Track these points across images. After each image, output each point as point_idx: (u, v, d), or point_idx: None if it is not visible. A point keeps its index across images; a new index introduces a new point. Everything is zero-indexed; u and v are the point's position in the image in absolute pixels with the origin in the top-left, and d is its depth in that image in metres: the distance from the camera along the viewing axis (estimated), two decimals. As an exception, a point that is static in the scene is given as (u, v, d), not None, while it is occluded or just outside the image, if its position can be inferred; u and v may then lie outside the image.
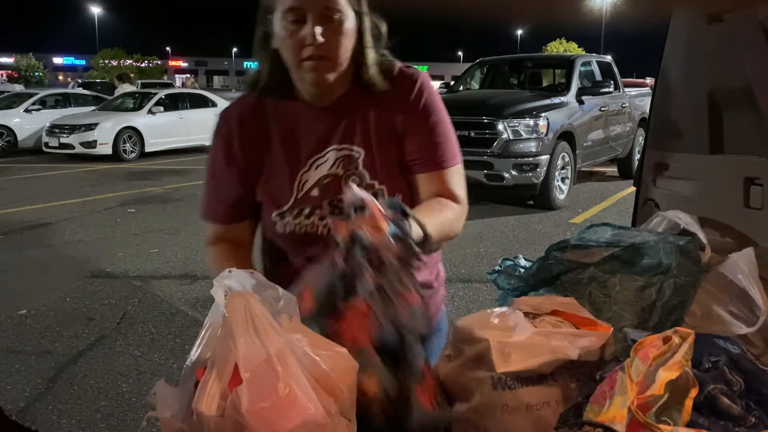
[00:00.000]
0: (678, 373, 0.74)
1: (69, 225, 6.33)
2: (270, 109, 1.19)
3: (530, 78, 8.99)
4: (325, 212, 1.17)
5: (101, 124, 11.41)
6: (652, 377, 0.74)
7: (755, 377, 0.94)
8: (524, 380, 0.87)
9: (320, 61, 1.07)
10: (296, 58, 1.08)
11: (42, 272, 4.83)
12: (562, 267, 1.24)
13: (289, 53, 1.09)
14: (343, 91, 1.16)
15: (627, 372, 0.75)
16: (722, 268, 1.18)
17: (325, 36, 1.06)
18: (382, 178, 1.17)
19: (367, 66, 1.14)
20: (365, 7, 1.14)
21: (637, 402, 0.72)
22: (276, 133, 1.18)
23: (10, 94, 14.64)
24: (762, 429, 0.83)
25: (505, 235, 5.86)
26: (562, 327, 0.94)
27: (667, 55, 1.81)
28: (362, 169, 1.16)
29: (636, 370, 0.75)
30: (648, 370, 0.75)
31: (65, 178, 9.60)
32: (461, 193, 1.19)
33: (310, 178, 1.17)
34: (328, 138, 1.17)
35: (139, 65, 58.17)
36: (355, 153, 1.16)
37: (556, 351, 0.87)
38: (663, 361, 0.75)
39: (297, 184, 1.17)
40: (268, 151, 1.19)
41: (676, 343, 0.77)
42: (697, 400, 0.88)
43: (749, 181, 1.60)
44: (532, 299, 1.03)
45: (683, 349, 0.76)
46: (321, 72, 1.08)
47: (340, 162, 1.17)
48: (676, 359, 0.75)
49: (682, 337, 0.78)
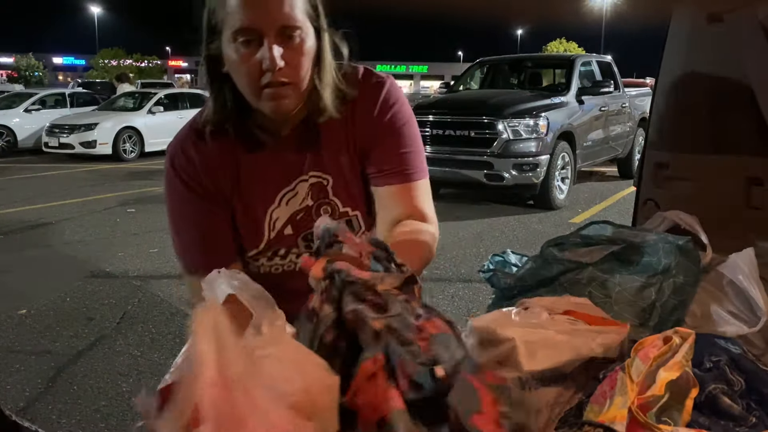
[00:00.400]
0: (678, 373, 0.74)
1: (69, 225, 6.33)
2: (228, 143, 1.04)
3: (530, 78, 8.99)
4: (301, 250, 1.07)
5: (101, 124, 11.41)
6: (652, 377, 0.74)
7: (756, 377, 0.94)
8: (546, 380, 0.85)
9: (281, 87, 0.94)
10: (253, 86, 0.94)
11: (42, 272, 4.83)
12: (561, 267, 1.24)
13: (244, 81, 0.95)
14: (304, 114, 1.03)
15: (627, 372, 0.75)
16: (723, 269, 1.18)
17: (285, 59, 0.92)
18: (355, 205, 1.08)
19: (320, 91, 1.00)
20: (324, 23, 1.00)
21: (638, 402, 0.71)
22: (239, 169, 1.05)
23: (9, 94, 14.64)
24: (763, 429, 0.83)
25: (505, 235, 5.86)
26: (578, 325, 0.93)
27: (667, 55, 1.81)
28: (333, 197, 1.06)
29: (636, 370, 0.75)
30: (648, 370, 0.74)
31: (65, 178, 9.60)
32: (430, 211, 1.07)
33: (281, 215, 1.06)
34: (294, 169, 1.05)
35: (139, 65, 58.14)
36: (323, 180, 1.06)
37: (580, 348, 0.85)
38: (663, 361, 0.75)
39: (268, 224, 1.06)
40: (233, 189, 1.05)
41: (676, 344, 0.77)
42: (698, 400, 0.88)
43: (750, 181, 1.60)
44: (545, 299, 1.03)
45: (684, 349, 0.76)
46: (283, 100, 0.95)
47: (309, 192, 1.06)
48: (676, 359, 0.75)
49: (682, 338, 0.78)
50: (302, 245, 1.07)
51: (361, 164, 1.07)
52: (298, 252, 1.07)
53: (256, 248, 1.06)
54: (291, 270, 1.08)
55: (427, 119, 7.00)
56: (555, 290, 1.21)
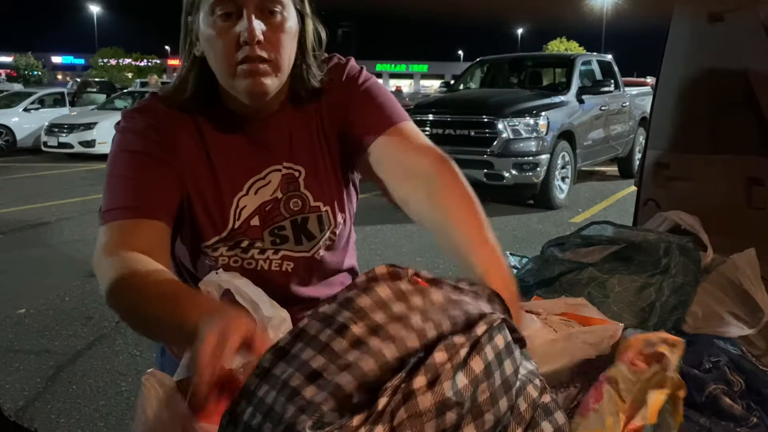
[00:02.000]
0: (669, 390, 0.71)
1: (68, 224, 6.33)
2: (196, 122, 0.99)
3: (530, 77, 8.98)
4: (266, 245, 1.01)
5: (100, 123, 11.39)
6: (642, 397, 0.70)
7: (755, 377, 0.94)
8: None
9: (260, 64, 0.89)
10: (228, 61, 0.89)
11: (41, 271, 4.83)
12: (562, 267, 1.23)
13: (219, 56, 0.90)
14: (282, 99, 0.99)
15: (615, 389, 0.71)
16: (724, 269, 1.18)
17: (265, 35, 0.88)
18: (327, 200, 1.03)
19: (306, 81, 0.98)
20: (308, 9, 0.97)
21: (630, 429, 0.69)
22: (206, 150, 0.99)
23: (8, 93, 14.63)
24: (763, 429, 0.83)
25: (505, 235, 5.86)
26: (572, 327, 0.92)
27: (668, 55, 1.81)
28: (304, 189, 1.02)
29: (624, 383, 0.71)
30: (637, 389, 0.71)
31: (64, 177, 9.59)
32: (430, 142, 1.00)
33: (248, 204, 1.00)
34: (267, 157, 1.00)
35: (138, 64, 58.13)
36: (295, 172, 1.01)
37: (574, 352, 0.84)
38: (655, 383, 0.71)
39: (234, 211, 0.99)
40: (197, 170, 0.98)
41: (667, 359, 0.72)
42: (698, 400, 0.88)
43: (751, 181, 1.60)
44: (540, 303, 1.02)
45: (672, 364, 0.72)
46: (260, 77, 0.90)
47: (280, 183, 1.01)
48: (668, 375, 0.71)
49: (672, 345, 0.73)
50: (268, 240, 1.01)
51: (335, 157, 1.04)
52: (262, 247, 1.01)
53: (218, 235, 0.99)
54: (251, 268, 1.01)
55: (427, 118, 7.00)
56: (555, 291, 1.21)
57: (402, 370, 0.53)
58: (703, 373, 0.92)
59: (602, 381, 0.73)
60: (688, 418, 0.84)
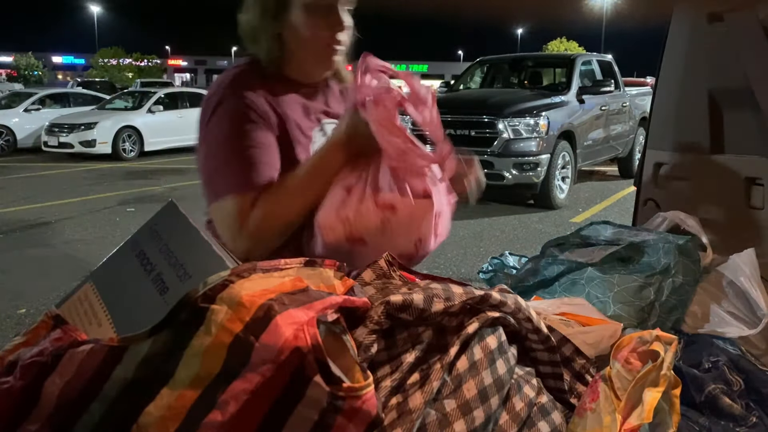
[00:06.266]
0: (664, 388, 0.71)
1: (68, 224, 6.33)
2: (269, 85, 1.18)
3: (530, 77, 8.99)
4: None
5: (100, 123, 11.40)
6: (638, 396, 0.71)
7: (754, 377, 0.94)
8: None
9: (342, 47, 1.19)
10: (328, 42, 1.17)
11: (41, 271, 4.83)
12: (562, 267, 1.24)
13: (320, 43, 1.17)
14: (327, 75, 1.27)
15: (611, 387, 0.71)
16: (723, 269, 1.18)
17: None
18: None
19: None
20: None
21: (627, 429, 0.69)
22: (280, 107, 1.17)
23: (9, 93, 14.63)
24: (762, 429, 0.83)
25: (505, 235, 5.86)
26: (571, 327, 0.92)
27: (667, 55, 1.81)
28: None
29: (620, 382, 0.71)
30: (633, 387, 0.71)
31: (64, 177, 9.60)
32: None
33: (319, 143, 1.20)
34: (321, 112, 1.25)
35: (139, 64, 58.14)
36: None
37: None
38: (650, 381, 0.71)
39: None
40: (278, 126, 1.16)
41: (662, 357, 0.72)
42: (698, 400, 0.88)
43: (750, 181, 1.60)
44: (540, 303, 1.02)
45: (667, 362, 0.72)
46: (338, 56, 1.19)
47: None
48: (662, 373, 0.71)
49: (667, 343, 0.74)
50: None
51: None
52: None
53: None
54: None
55: (427, 118, 6.98)
56: (555, 291, 1.21)
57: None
58: (702, 373, 0.92)
59: (597, 380, 0.74)
60: (688, 417, 0.84)
